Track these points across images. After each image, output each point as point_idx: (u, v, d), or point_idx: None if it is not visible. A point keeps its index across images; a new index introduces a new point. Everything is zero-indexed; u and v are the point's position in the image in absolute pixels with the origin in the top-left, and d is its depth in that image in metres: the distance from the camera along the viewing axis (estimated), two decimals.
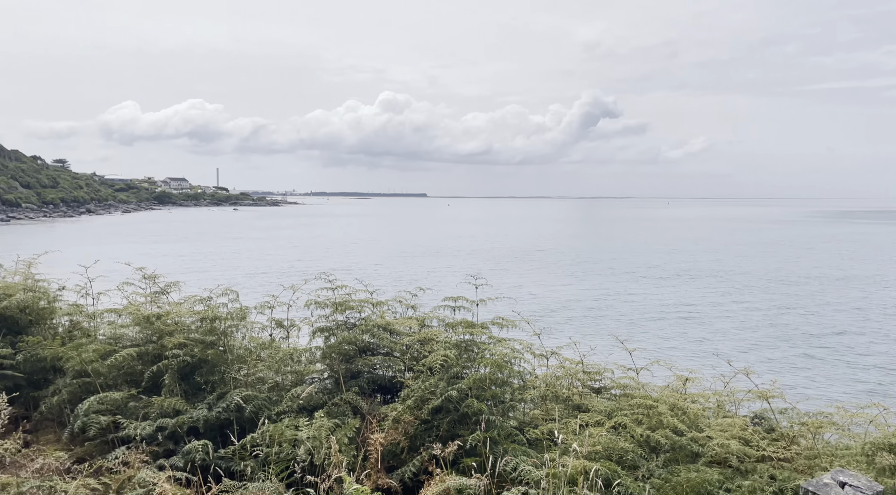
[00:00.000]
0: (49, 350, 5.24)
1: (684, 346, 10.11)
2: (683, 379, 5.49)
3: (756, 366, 5.63)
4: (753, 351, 14.53)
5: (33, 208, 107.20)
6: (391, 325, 5.68)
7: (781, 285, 30.68)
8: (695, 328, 17.82)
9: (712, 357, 5.17)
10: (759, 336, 17.15)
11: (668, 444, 4.52)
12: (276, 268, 31.69)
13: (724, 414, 5.11)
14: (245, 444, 4.55)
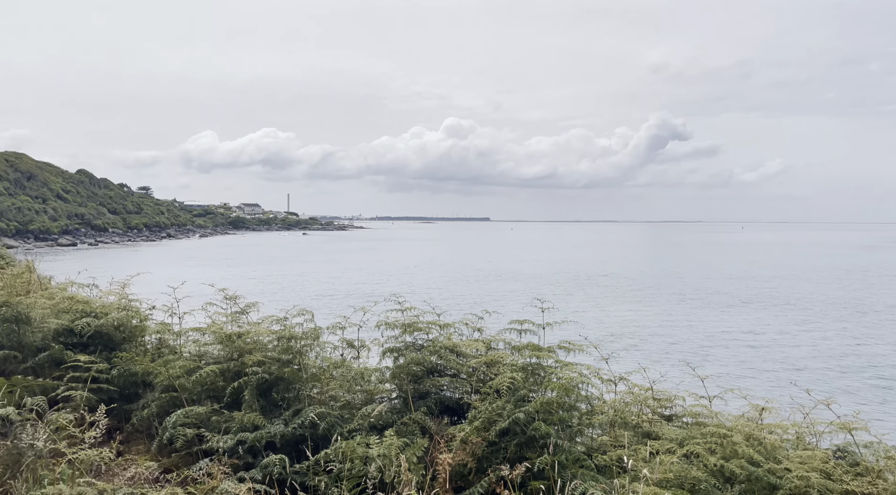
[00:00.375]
0: (140, 365, 5.62)
1: (758, 375, 9.67)
2: (759, 408, 5.33)
3: (836, 396, 5.36)
4: (833, 381, 13.79)
5: (119, 233, 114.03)
6: (458, 347, 5.78)
7: (860, 314, 28.94)
8: (769, 356, 17.06)
9: (789, 385, 4.96)
10: (838, 365, 16.24)
11: (743, 475, 4.40)
12: (343, 291, 32.45)
13: (804, 446, 4.92)
14: (319, 460, 4.72)
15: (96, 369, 5.42)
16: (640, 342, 18.15)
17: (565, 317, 6.37)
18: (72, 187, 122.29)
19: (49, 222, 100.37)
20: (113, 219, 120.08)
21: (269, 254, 71.02)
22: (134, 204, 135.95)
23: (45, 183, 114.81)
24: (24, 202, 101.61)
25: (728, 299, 33.71)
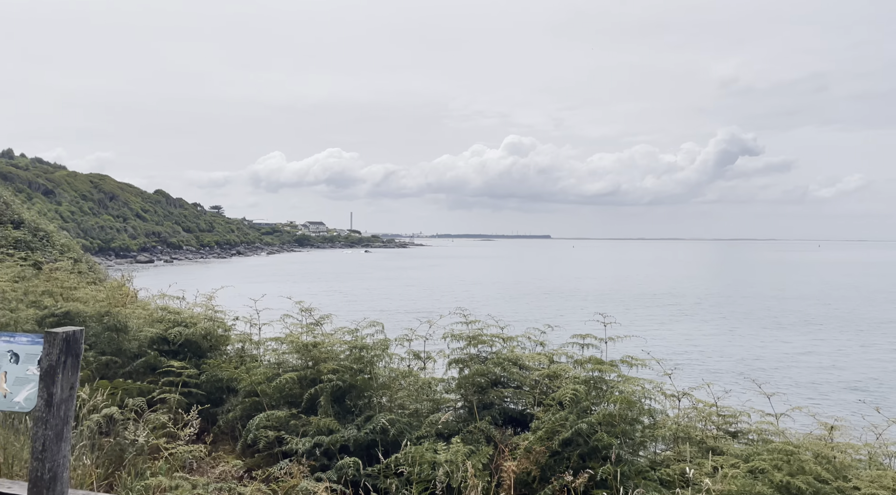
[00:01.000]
0: (225, 372, 6.08)
1: (829, 396, 9.30)
2: (829, 426, 5.26)
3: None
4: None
5: (192, 250, 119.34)
6: (521, 360, 5.97)
7: None
8: (840, 378, 16.32)
9: (859, 406, 4.87)
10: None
11: (810, 491, 4.39)
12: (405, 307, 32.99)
13: (877, 466, 4.84)
14: (389, 464, 5.00)
15: (187, 374, 5.90)
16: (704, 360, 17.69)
17: (628, 333, 6.48)
18: (150, 207, 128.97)
19: (129, 240, 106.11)
20: (187, 237, 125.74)
21: (334, 270, 72.80)
22: (206, 222, 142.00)
23: (125, 203, 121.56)
24: (107, 221, 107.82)
25: (803, 317, 32.33)
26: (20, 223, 12.15)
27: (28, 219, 12.48)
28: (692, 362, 17.34)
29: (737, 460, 4.80)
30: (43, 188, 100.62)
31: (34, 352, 3.89)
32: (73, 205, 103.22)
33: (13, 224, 11.97)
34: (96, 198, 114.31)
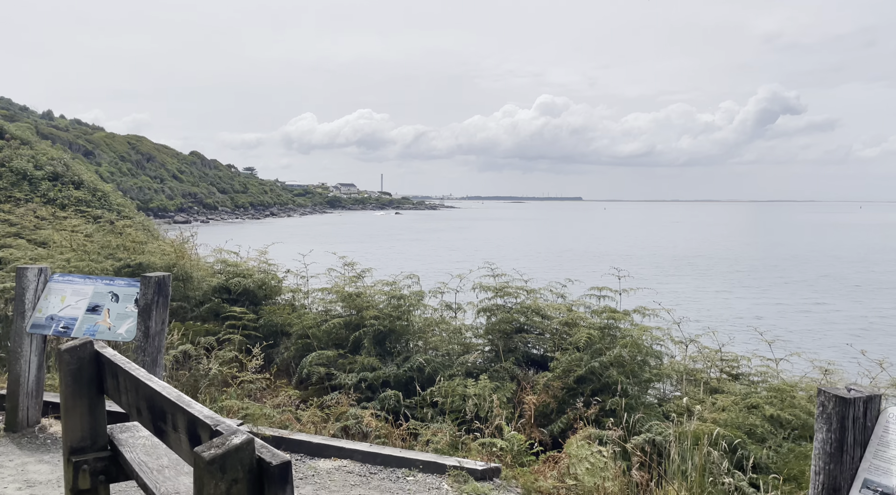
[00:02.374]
0: (280, 317, 6.86)
1: (839, 351, 9.52)
2: (823, 370, 5.81)
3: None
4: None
5: (227, 211, 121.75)
6: (542, 309, 6.62)
7: None
8: (862, 338, 16.61)
9: (859, 354, 5.28)
10: None
11: (795, 422, 4.98)
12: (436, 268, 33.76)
13: None
14: (426, 396, 5.74)
15: (247, 319, 6.70)
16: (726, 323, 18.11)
17: (646, 288, 7.06)
18: (185, 168, 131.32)
19: (166, 200, 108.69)
20: (222, 198, 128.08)
21: (366, 232, 73.96)
22: (241, 184, 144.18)
23: (162, 164, 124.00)
24: (145, 182, 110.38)
25: (836, 282, 32.23)
26: (80, 184, 13.09)
27: (87, 180, 13.41)
28: (710, 318, 17.78)
29: (736, 397, 5.41)
30: (83, 149, 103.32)
31: (130, 293, 4.67)
32: (112, 167, 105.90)
33: (74, 185, 12.91)
34: (134, 159, 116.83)
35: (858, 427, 2.15)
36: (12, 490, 3.74)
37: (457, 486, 4.11)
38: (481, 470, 4.31)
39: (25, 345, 4.66)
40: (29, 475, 3.97)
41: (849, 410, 2.14)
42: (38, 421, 4.75)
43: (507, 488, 4.16)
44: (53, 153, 13.44)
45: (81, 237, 7.86)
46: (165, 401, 2.09)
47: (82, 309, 4.64)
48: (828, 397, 2.18)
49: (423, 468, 4.42)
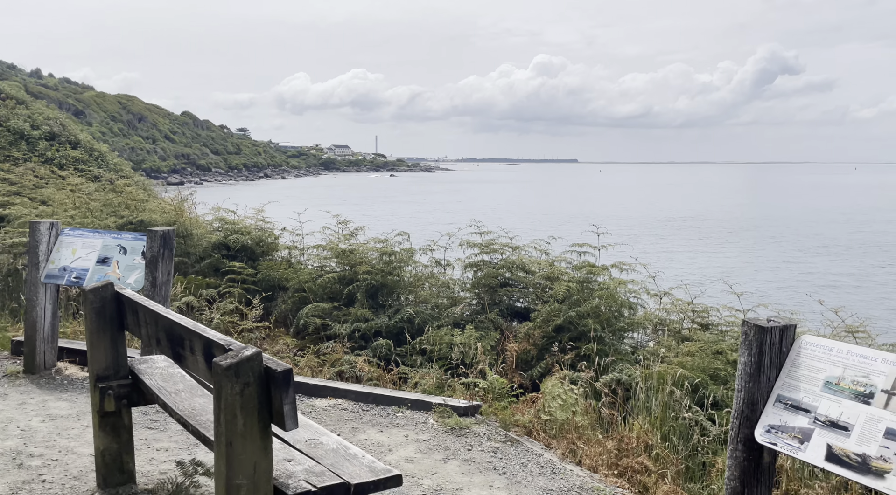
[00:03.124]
0: (277, 272, 7.21)
1: (805, 303, 9.89)
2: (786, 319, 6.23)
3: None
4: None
5: (221, 172, 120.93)
6: (526, 265, 6.99)
7: None
8: (836, 298, 17.15)
9: (829, 305, 5.66)
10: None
11: None
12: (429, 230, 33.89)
13: None
14: (415, 344, 6.14)
15: (246, 273, 7.05)
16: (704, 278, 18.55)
17: (621, 242, 7.43)
18: (178, 128, 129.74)
19: (159, 161, 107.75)
20: (215, 159, 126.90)
21: (361, 194, 73.93)
22: (234, 145, 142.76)
23: (154, 124, 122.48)
24: (137, 142, 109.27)
25: (818, 243, 32.76)
26: (77, 144, 13.26)
27: (84, 141, 13.57)
28: (689, 274, 18.24)
29: (703, 344, 5.82)
30: (73, 109, 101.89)
31: (137, 246, 5.00)
32: (103, 127, 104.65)
33: (71, 144, 13.08)
34: (125, 119, 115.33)
35: (774, 351, 2.52)
36: (37, 422, 4.13)
37: (441, 420, 4.52)
38: (464, 407, 4.72)
39: (40, 294, 5.00)
40: (50, 410, 4.36)
41: (766, 337, 2.51)
42: (55, 364, 5.13)
43: (486, 422, 4.58)
44: (49, 113, 13.56)
45: (85, 196, 8.14)
46: (183, 329, 2.44)
47: (93, 260, 4.97)
48: (749, 326, 2.55)
49: (411, 405, 4.83)
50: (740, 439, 2.54)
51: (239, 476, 1.93)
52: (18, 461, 3.51)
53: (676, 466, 4.21)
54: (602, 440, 4.36)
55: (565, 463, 4.03)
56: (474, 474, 3.77)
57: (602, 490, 3.67)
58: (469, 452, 4.09)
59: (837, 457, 2.26)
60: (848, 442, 2.25)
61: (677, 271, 19.40)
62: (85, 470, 3.41)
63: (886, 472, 2.14)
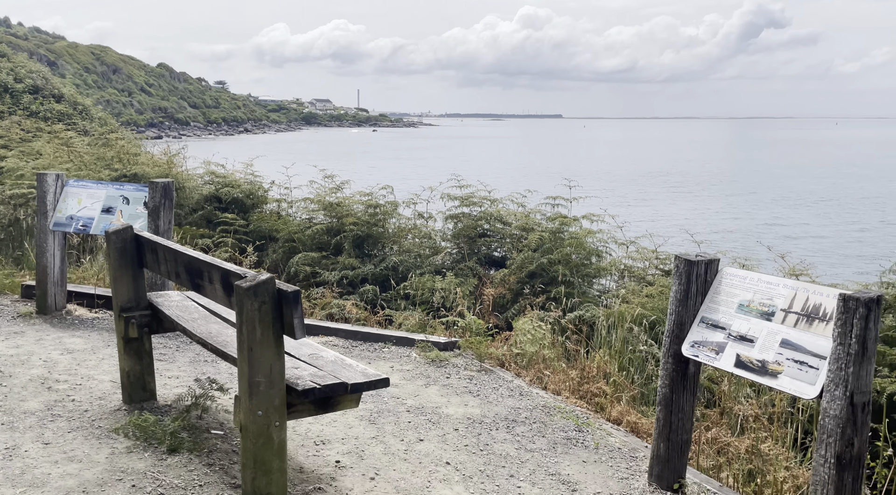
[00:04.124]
0: (268, 223, 7.60)
1: (760, 251, 10.35)
2: (741, 264, 6.78)
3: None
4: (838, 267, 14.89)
5: (200, 127, 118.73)
6: (503, 217, 7.45)
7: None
8: (794, 247, 17.96)
9: (782, 253, 6.18)
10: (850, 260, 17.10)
11: None
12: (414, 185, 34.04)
13: None
14: (399, 290, 6.62)
15: (238, 224, 7.43)
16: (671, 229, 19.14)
17: (593, 194, 7.89)
18: (154, 81, 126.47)
19: (136, 115, 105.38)
20: (194, 113, 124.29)
21: (343, 149, 73.45)
22: (212, 98, 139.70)
23: (129, 76, 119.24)
24: (112, 95, 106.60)
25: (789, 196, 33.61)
26: (60, 97, 13.31)
27: (67, 94, 13.61)
28: (657, 226, 18.89)
29: (664, 288, 6.37)
30: (45, 60, 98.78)
31: (139, 196, 5.36)
32: (76, 78, 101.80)
33: (55, 98, 13.14)
34: (99, 70, 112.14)
35: (700, 281, 3.02)
36: (56, 354, 4.57)
37: (423, 354, 5.03)
38: (444, 342, 5.23)
39: (49, 241, 5.37)
40: (66, 345, 4.79)
41: (693, 269, 3.00)
42: (64, 306, 5.54)
43: (463, 356, 5.10)
44: (32, 66, 13.52)
45: (79, 150, 8.38)
46: (202, 263, 2.87)
47: (97, 210, 5.33)
48: (680, 260, 3.03)
49: (396, 342, 5.33)
50: (671, 353, 3.06)
51: (258, 375, 2.39)
52: (47, 385, 3.96)
53: (631, 391, 4.78)
54: (566, 369, 4.90)
55: (532, 388, 4.57)
56: (452, 396, 4.29)
57: (563, 408, 4.21)
58: (447, 379, 4.61)
59: (743, 364, 2.78)
60: (752, 351, 2.77)
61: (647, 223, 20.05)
62: (107, 393, 3.88)
63: (779, 373, 2.67)
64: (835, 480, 2.49)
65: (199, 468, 2.96)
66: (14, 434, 3.24)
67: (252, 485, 2.48)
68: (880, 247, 20.04)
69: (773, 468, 3.66)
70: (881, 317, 4.90)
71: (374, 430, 3.65)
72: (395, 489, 3.01)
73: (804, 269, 6.03)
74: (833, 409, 2.47)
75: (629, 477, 3.32)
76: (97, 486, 2.77)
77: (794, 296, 2.75)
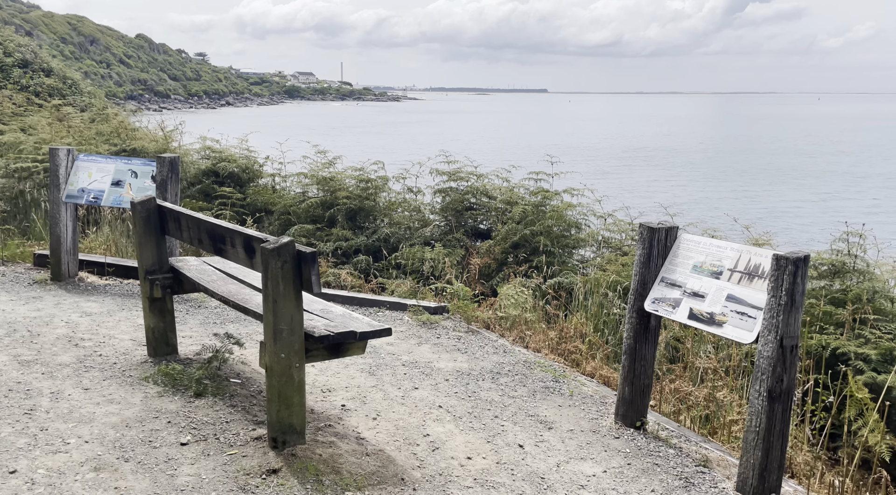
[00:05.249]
0: (264, 197, 7.94)
1: (726, 223, 10.77)
2: (710, 234, 7.26)
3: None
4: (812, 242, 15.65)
5: (181, 99, 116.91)
6: (488, 191, 7.85)
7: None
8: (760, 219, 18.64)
9: (749, 226, 6.66)
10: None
11: None
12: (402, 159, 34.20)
13: None
14: (391, 260, 7.04)
15: (235, 198, 7.76)
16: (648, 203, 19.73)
17: (574, 170, 8.31)
18: (132, 52, 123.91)
19: (115, 87, 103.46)
20: (174, 85, 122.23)
21: (328, 123, 72.97)
22: (193, 71, 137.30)
23: (107, 47, 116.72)
24: (90, 67, 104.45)
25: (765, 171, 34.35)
26: (50, 71, 13.38)
27: (56, 68, 13.68)
28: (637, 201, 19.47)
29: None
30: (21, 30, 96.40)
31: (147, 171, 5.69)
32: (53, 49, 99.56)
33: (44, 72, 13.21)
34: (76, 41, 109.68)
35: (661, 246, 3.46)
36: (76, 317, 4.94)
37: (415, 317, 5.47)
38: (434, 307, 5.67)
39: (62, 212, 5.69)
40: (83, 308, 5.16)
41: (655, 235, 3.44)
42: (77, 274, 5.89)
43: (452, 319, 5.55)
44: (20, 40, 13.55)
45: (78, 125, 8.61)
46: (224, 229, 3.26)
47: (107, 183, 5.65)
48: (643, 227, 3.48)
49: (389, 307, 5.76)
50: (635, 309, 3.52)
51: (281, 323, 2.81)
52: (74, 342, 4.35)
53: (605, 350, 5.27)
54: (546, 330, 5.37)
55: (515, 346, 5.03)
56: (442, 353, 4.75)
57: (542, 363, 4.68)
58: (438, 339, 5.06)
59: (695, 316, 3.24)
60: (703, 305, 3.23)
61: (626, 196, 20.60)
62: (129, 349, 4.27)
63: (724, 323, 3.13)
64: (767, 410, 2.97)
65: (223, 409, 3.39)
66: (55, 381, 3.64)
67: (277, 417, 2.91)
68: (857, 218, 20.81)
69: (726, 412, 4.16)
70: (833, 280, 5.40)
71: (374, 381, 4.10)
72: (394, 427, 3.46)
73: (768, 240, 6.54)
74: (766, 351, 2.94)
75: (598, 418, 3.80)
76: (137, 422, 3.18)
77: (738, 257, 3.20)
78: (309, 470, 2.81)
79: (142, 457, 2.84)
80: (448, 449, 3.25)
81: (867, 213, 21.62)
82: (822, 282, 5.58)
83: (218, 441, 3.05)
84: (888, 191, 28.69)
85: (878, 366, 4.61)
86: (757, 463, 3.01)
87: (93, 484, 2.60)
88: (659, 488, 3.06)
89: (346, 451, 3.05)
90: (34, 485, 2.57)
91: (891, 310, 5.10)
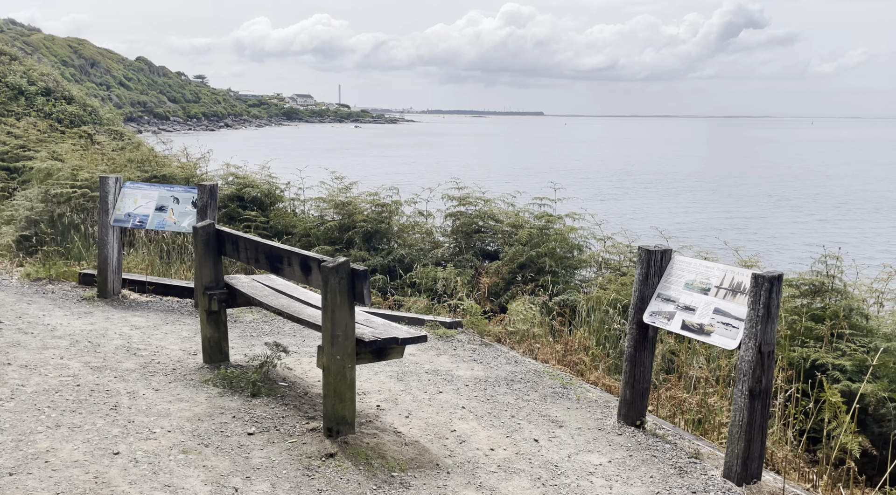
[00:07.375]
0: (284, 220, 8.49)
1: (717, 245, 11.35)
2: (703, 256, 7.81)
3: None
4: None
5: (180, 121, 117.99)
6: (495, 215, 8.43)
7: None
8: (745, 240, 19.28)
9: (739, 246, 7.17)
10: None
11: None
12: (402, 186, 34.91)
13: None
14: (406, 279, 7.56)
15: (259, 221, 8.30)
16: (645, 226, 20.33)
17: (574, 196, 8.89)
18: (132, 75, 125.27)
19: (115, 109, 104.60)
20: (173, 107, 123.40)
21: (327, 146, 73.91)
22: (192, 93, 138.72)
23: (107, 70, 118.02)
24: (91, 89, 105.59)
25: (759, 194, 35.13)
26: (71, 99, 13.99)
27: (76, 96, 14.31)
28: (632, 223, 20.11)
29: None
30: (23, 53, 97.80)
31: (188, 197, 6.23)
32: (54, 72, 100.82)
33: (66, 100, 13.83)
34: (77, 64, 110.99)
35: (657, 266, 4.00)
36: (127, 330, 5.43)
37: (432, 331, 5.98)
38: (449, 322, 6.19)
39: (110, 235, 6.22)
40: (131, 323, 5.66)
41: (652, 256, 3.99)
42: (121, 292, 6.40)
43: (466, 333, 6.06)
44: (43, 69, 14.18)
45: (110, 153, 9.18)
46: (281, 251, 3.79)
47: (152, 208, 6.19)
48: (642, 250, 4.02)
49: (408, 322, 6.26)
50: (634, 321, 4.05)
51: (337, 330, 3.33)
52: (132, 351, 4.84)
53: (606, 362, 5.78)
54: (552, 343, 5.89)
55: (525, 358, 5.55)
56: (460, 363, 5.25)
57: (551, 372, 5.19)
58: (455, 351, 5.57)
59: (687, 326, 3.77)
60: (693, 317, 3.76)
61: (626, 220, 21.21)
62: (182, 358, 4.77)
63: (712, 332, 3.66)
64: (748, 407, 3.49)
65: (278, 406, 3.89)
66: (127, 384, 4.13)
67: (332, 409, 3.41)
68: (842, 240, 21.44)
69: (716, 416, 4.68)
70: (814, 298, 5.93)
71: (402, 385, 4.60)
72: (425, 423, 3.96)
73: (756, 261, 7.09)
74: (747, 356, 3.47)
75: (603, 418, 4.30)
76: (207, 416, 3.68)
77: (724, 276, 3.75)
78: (360, 455, 3.31)
79: (218, 444, 3.34)
80: (473, 442, 3.75)
81: (846, 236, 22.31)
82: (805, 300, 6.12)
83: (279, 432, 3.55)
84: (874, 214, 29.49)
85: (853, 376, 5.14)
86: (740, 453, 3.52)
87: (184, 463, 3.09)
88: (657, 475, 3.57)
89: (388, 441, 3.55)
90: (138, 463, 3.06)
91: (865, 326, 5.64)
